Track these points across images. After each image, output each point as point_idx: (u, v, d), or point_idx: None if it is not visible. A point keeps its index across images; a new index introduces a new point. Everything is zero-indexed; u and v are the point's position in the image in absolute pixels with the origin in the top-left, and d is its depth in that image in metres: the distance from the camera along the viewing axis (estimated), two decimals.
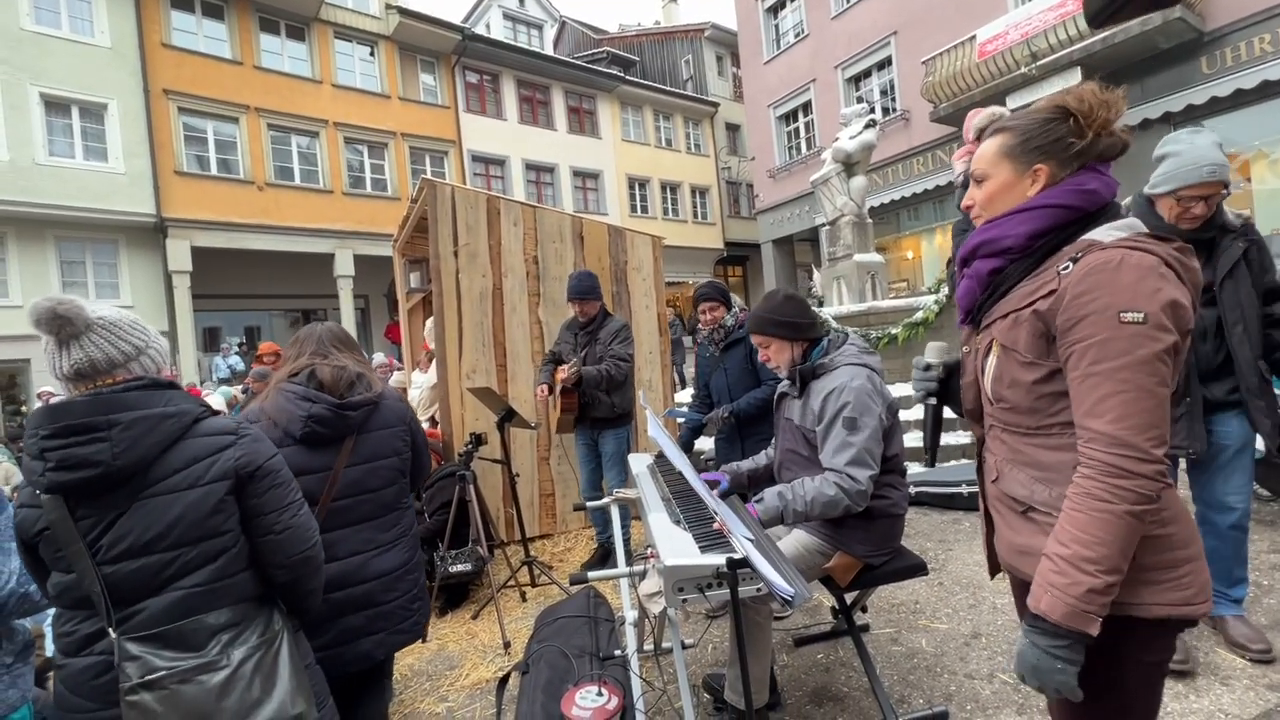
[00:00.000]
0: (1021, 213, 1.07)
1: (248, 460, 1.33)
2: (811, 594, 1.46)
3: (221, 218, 12.64)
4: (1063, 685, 0.93)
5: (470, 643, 3.14)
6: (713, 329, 3.08)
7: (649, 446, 4.61)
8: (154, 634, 1.22)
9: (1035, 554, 1.03)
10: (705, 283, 3.16)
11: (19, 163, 10.71)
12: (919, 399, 1.37)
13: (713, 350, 3.13)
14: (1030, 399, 1.06)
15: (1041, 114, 1.08)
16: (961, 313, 1.21)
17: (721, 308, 3.07)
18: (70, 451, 1.19)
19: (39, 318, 1.23)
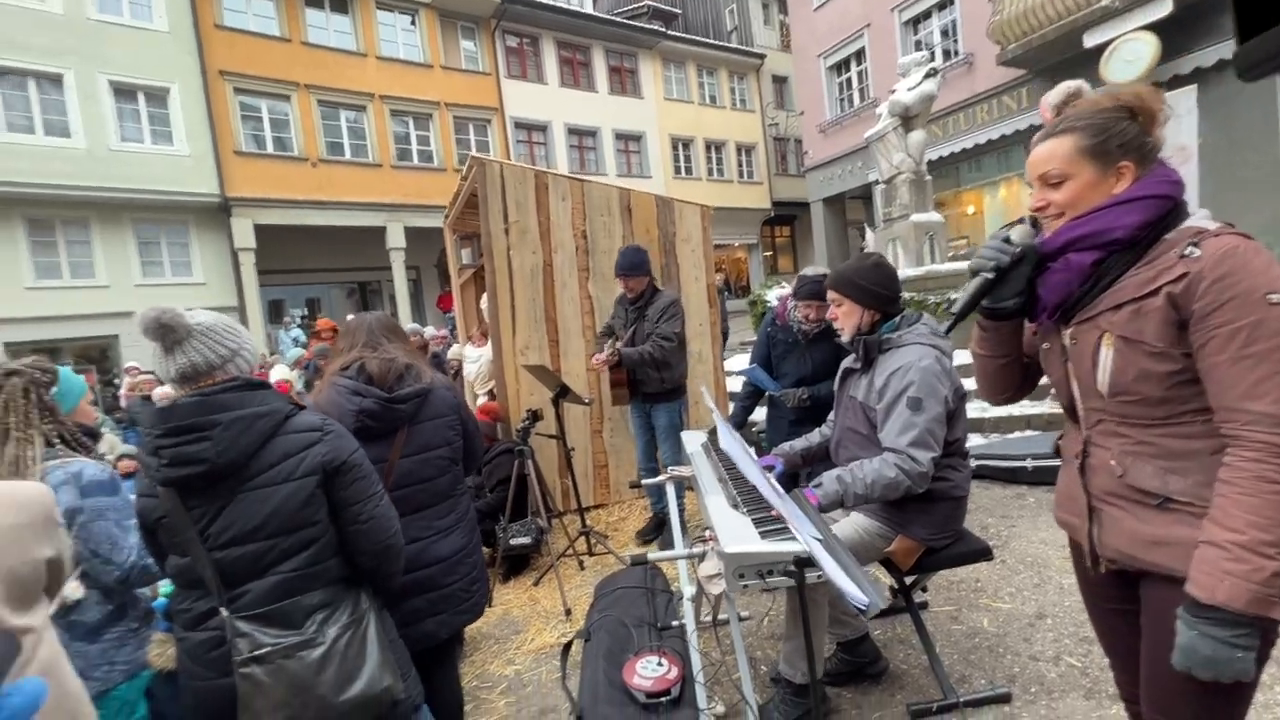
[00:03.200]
0: (1125, 204, 1.07)
1: (334, 455, 1.42)
2: (885, 601, 1.46)
3: (280, 195, 13.09)
4: (1241, 672, 0.95)
5: (533, 608, 3.30)
6: (814, 325, 2.97)
7: (702, 420, 4.64)
8: (259, 613, 1.34)
9: (1173, 544, 1.04)
10: (813, 277, 2.93)
11: (95, 150, 11.32)
12: (978, 266, 1.21)
13: (797, 338, 3.06)
14: (1162, 389, 1.05)
15: (1108, 112, 1.10)
16: (1050, 308, 1.17)
17: (826, 307, 2.97)
18: (180, 450, 1.29)
19: (146, 327, 1.33)
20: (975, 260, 1.21)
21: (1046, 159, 1.14)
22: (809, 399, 2.96)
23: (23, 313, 10.99)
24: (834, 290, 2.05)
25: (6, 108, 10.66)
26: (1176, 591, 1.02)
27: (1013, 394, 1.40)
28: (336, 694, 1.35)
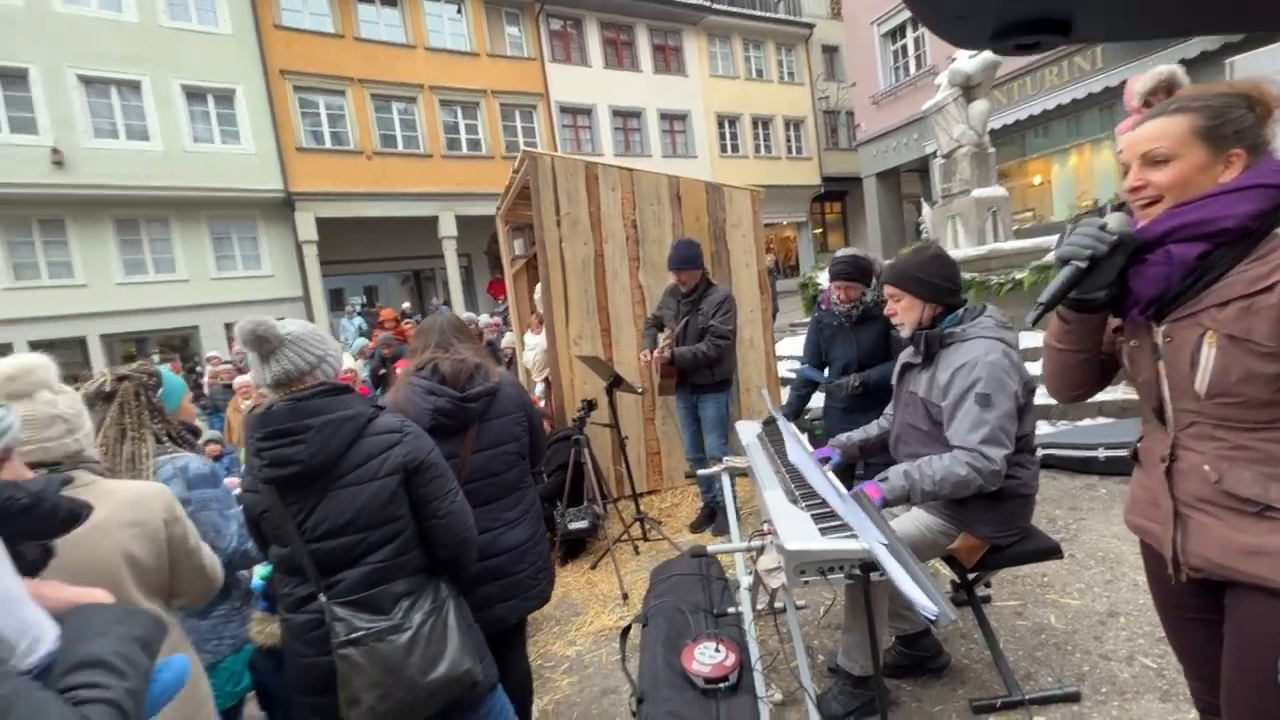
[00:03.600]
0: (1235, 192, 1.02)
1: (413, 456, 1.51)
2: (955, 616, 1.44)
3: (339, 188, 13.61)
4: None
5: (591, 591, 3.41)
6: (850, 306, 2.95)
7: (752, 408, 4.64)
8: (353, 600, 1.46)
9: (1273, 554, 1.01)
10: (842, 257, 2.95)
11: (171, 152, 12.02)
12: (1070, 254, 1.11)
13: (841, 321, 3.03)
14: (1269, 391, 1.01)
15: (1226, 97, 1.04)
16: (1143, 302, 1.11)
17: (859, 286, 2.93)
18: (278, 452, 1.41)
19: (244, 338, 1.44)
20: (1067, 247, 1.12)
21: (1156, 136, 1.08)
22: (860, 385, 2.92)
23: (114, 307, 11.89)
24: (892, 285, 2.01)
25: (94, 115, 11.43)
26: (1273, 603, 0.98)
27: (1085, 392, 1.36)
28: (423, 675, 1.46)
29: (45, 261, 11.47)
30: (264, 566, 2.02)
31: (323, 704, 1.50)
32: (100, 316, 11.77)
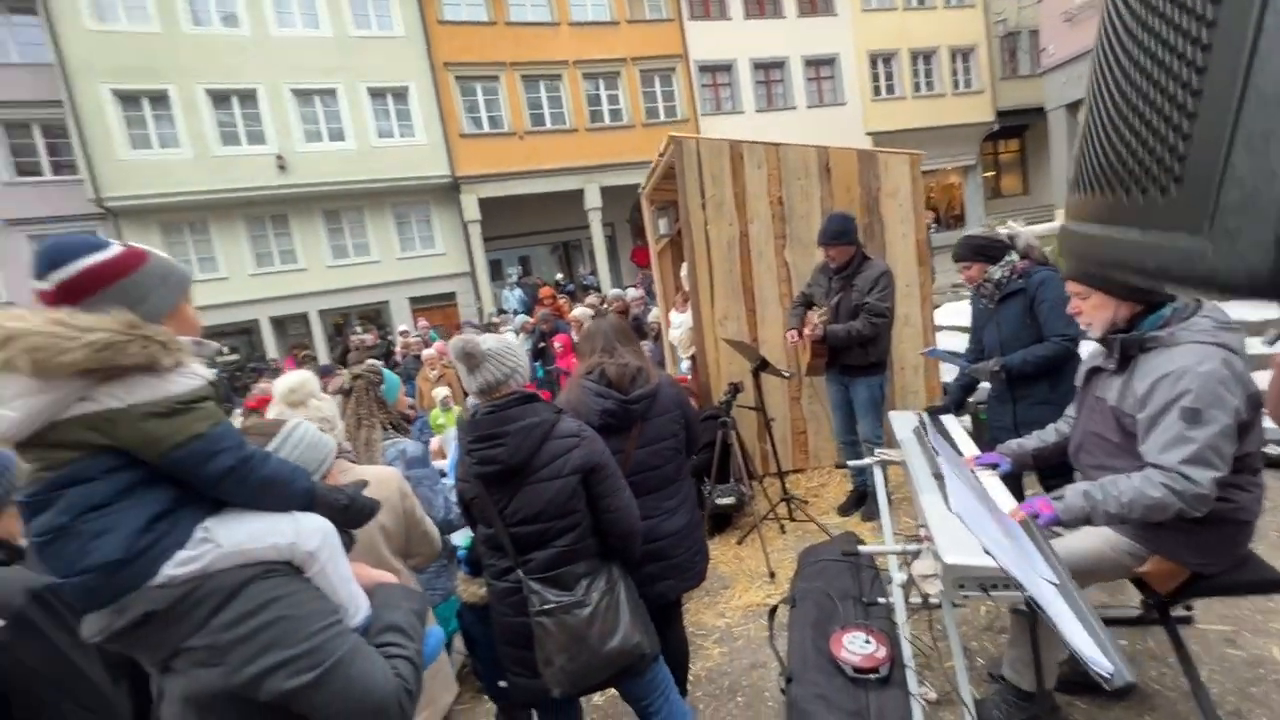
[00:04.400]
0: None
1: (589, 458, 1.73)
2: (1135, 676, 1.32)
3: (496, 169, 14.70)
4: None
5: (739, 566, 3.57)
6: (979, 285, 2.75)
7: (905, 387, 4.41)
8: (544, 577, 1.72)
9: None
10: (960, 240, 2.80)
11: (362, 149, 13.76)
12: None
13: (984, 302, 2.81)
14: None
15: None
16: None
17: (978, 265, 2.72)
18: (484, 453, 1.69)
19: (457, 355, 1.73)
20: None
21: None
22: (1001, 369, 2.68)
23: (327, 286, 14.09)
24: (1077, 281, 1.81)
25: (304, 123, 13.40)
26: None
27: None
28: (601, 644, 1.70)
29: (277, 250, 13.86)
30: (464, 536, 2.42)
31: (522, 656, 1.81)
32: (317, 295, 14.04)
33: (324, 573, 1.10)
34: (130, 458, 0.95)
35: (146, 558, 0.94)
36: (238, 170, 12.84)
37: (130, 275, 0.96)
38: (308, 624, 1.02)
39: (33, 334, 0.86)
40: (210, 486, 0.99)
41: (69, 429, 0.92)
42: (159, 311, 0.98)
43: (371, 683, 1.03)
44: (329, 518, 1.15)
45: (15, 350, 0.85)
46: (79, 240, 0.96)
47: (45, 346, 0.86)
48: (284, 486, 1.07)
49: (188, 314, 1.05)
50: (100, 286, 0.94)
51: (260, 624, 0.97)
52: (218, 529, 1.00)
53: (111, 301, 0.94)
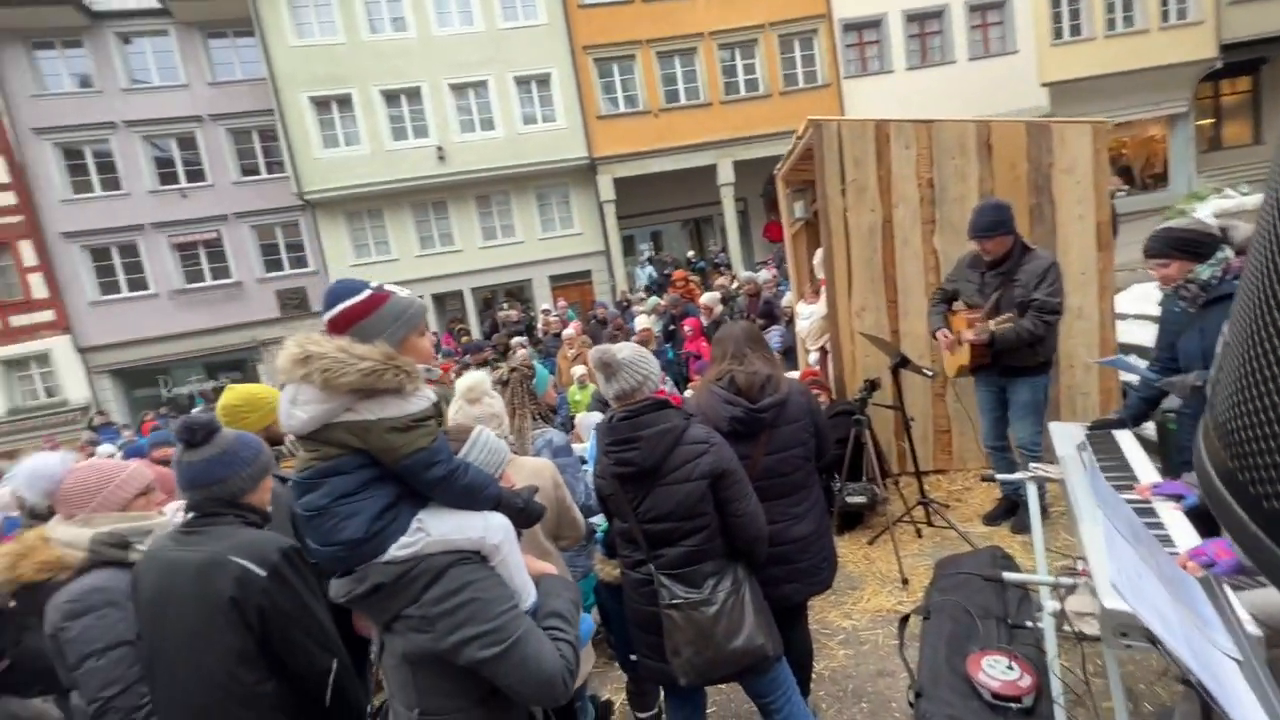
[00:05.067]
0: None
1: (718, 464, 1.81)
2: None
3: (631, 149, 14.97)
4: None
5: (868, 567, 3.49)
6: (1178, 286, 2.35)
7: (1074, 387, 3.96)
8: (673, 573, 1.86)
9: None
10: (1154, 232, 2.37)
11: (509, 136, 14.69)
12: None
13: (1184, 305, 2.42)
14: None
15: None
16: None
17: (1179, 263, 2.29)
18: (621, 455, 1.84)
19: (596, 364, 1.88)
20: None
21: None
22: (1204, 384, 2.27)
23: (478, 266, 15.38)
24: None
25: (460, 115, 14.56)
26: None
27: None
28: (727, 642, 1.80)
29: (437, 234, 15.35)
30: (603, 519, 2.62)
31: (653, 641, 1.96)
32: (470, 274, 15.40)
33: (505, 563, 1.31)
34: (372, 459, 1.20)
35: (379, 539, 1.19)
36: (405, 162, 14.32)
37: (373, 313, 1.21)
38: (495, 606, 1.23)
39: (325, 357, 1.13)
40: (426, 488, 1.23)
41: (336, 431, 1.19)
42: (394, 341, 1.22)
43: (543, 660, 1.23)
44: (508, 517, 1.35)
45: (312, 368, 1.14)
46: (345, 286, 1.24)
47: (332, 368, 1.13)
48: (479, 492, 1.28)
49: (416, 345, 1.28)
50: (355, 322, 1.19)
51: (460, 602, 1.20)
52: (429, 521, 1.24)
53: (363, 334, 1.19)
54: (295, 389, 1.18)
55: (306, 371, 1.14)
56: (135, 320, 14.30)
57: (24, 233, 13.52)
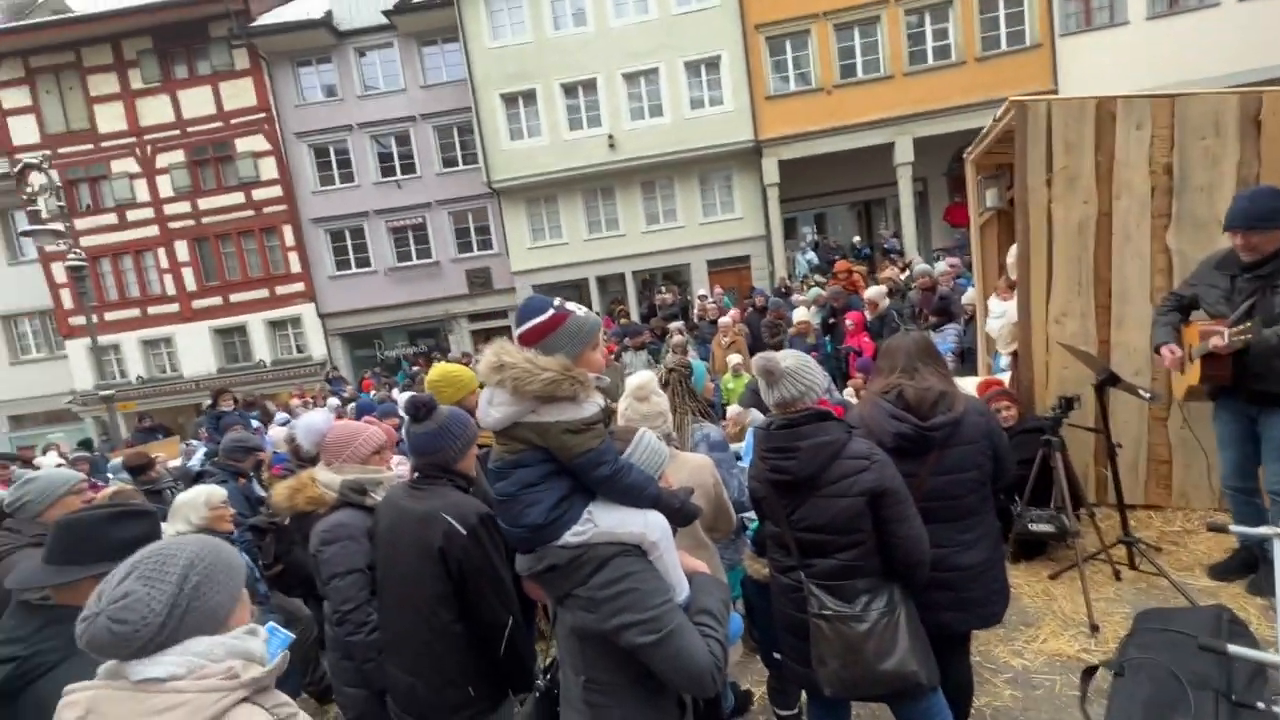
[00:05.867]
0: None
1: (878, 483, 1.77)
2: None
3: (799, 129, 14.40)
4: None
5: (1047, 604, 3.14)
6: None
7: None
8: (825, 584, 1.85)
9: None
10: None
11: (675, 122, 14.91)
12: None
13: None
14: None
15: None
16: None
17: None
18: (776, 463, 1.87)
19: (758, 371, 1.92)
20: None
21: None
22: None
23: (640, 250, 15.93)
24: None
25: (631, 102, 15.06)
26: None
27: None
28: (876, 662, 1.77)
29: (604, 219, 16.14)
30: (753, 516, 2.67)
31: (798, 646, 1.99)
32: (632, 258, 16.02)
33: (661, 559, 1.43)
34: (552, 455, 1.38)
35: (555, 525, 1.38)
36: (580, 151, 15.20)
37: (555, 331, 1.38)
38: (652, 597, 1.36)
39: (515, 367, 1.33)
40: (594, 484, 1.39)
41: (522, 430, 1.38)
42: (572, 355, 1.38)
43: (694, 654, 1.33)
44: (666, 516, 1.47)
45: (505, 375, 1.34)
46: (533, 304, 1.43)
47: (520, 377, 1.32)
48: (640, 491, 1.42)
49: (590, 358, 1.43)
50: (540, 338, 1.38)
51: (620, 590, 1.34)
52: (597, 513, 1.40)
53: (547, 348, 1.37)
54: (491, 392, 1.39)
55: (500, 378, 1.34)
56: (359, 292, 17.01)
57: (286, 219, 16.68)
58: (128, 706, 0.96)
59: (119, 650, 0.98)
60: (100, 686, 0.99)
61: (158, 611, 0.98)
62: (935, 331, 6.06)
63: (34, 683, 1.41)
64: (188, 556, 1.04)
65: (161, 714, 0.95)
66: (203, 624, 1.03)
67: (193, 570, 1.03)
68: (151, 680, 0.97)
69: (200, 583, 1.03)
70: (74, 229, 11.81)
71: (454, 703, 2.01)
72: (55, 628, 1.46)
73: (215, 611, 1.05)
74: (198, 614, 1.02)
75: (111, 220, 16.61)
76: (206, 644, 1.02)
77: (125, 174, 16.49)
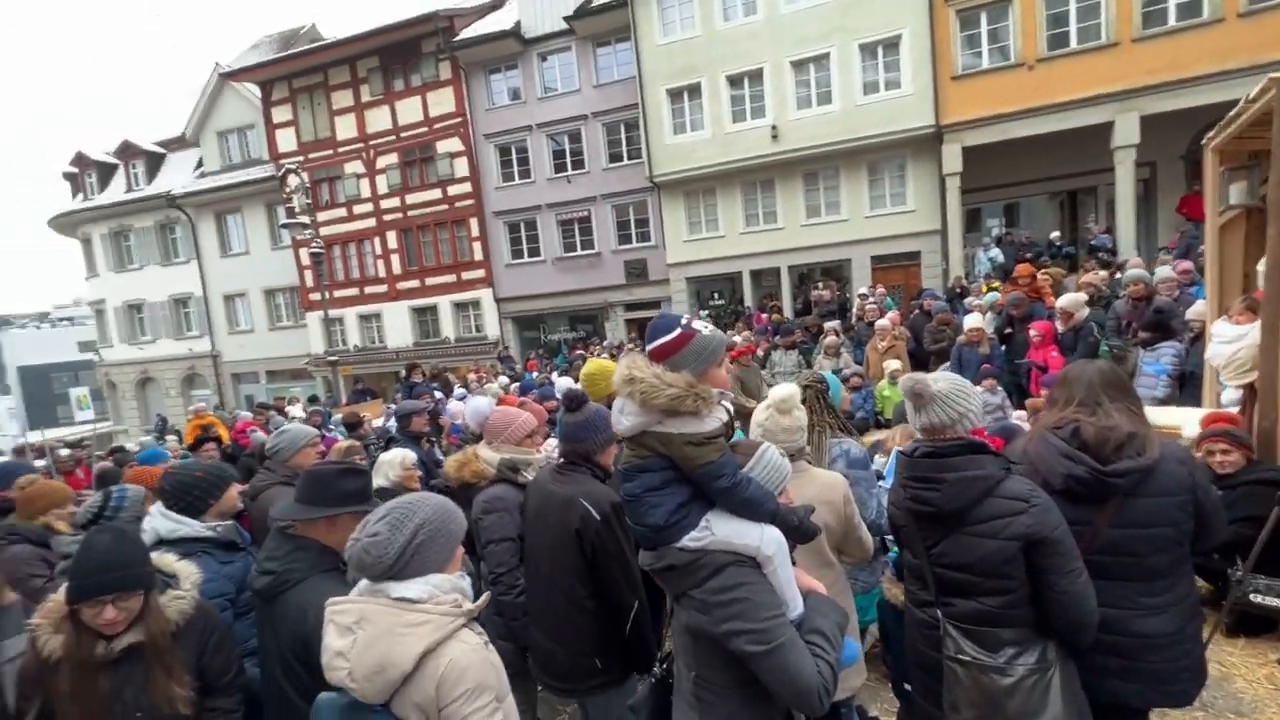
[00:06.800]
0: None
1: (1037, 529, 1.61)
2: None
3: (990, 112, 12.86)
4: None
5: (1268, 691, 2.61)
6: None
7: None
8: (964, 628, 1.73)
9: None
10: None
11: (846, 109, 14.10)
12: None
13: None
14: None
15: None
16: None
17: None
18: (918, 493, 1.78)
19: (905, 392, 1.83)
20: None
21: None
22: None
23: (797, 244, 15.40)
24: None
25: (798, 90, 14.54)
26: None
27: None
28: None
29: (762, 211, 15.83)
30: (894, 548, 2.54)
31: (930, 685, 1.88)
32: (788, 252, 15.54)
33: (775, 573, 1.46)
34: (674, 463, 1.47)
35: (674, 529, 1.47)
36: (742, 143, 15.03)
37: (682, 350, 1.46)
38: (763, 610, 1.39)
39: (643, 381, 1.44)
40: (712, 495, 1.46)
41: (648, 438, 1.49)
42: (697, 372, 1.46)
43: (802, 671, 1.35)
44: (783, 532, 1.49)
45: (634, 389, 1.45)
46: (663, 323, 1.51)
47: (647, 391, 1.42)
48: (758, 506, 1.45)
49: (714, 375, 1.49)
50: (668, 355, 1.46)
51: (733, 598, 1.40)
52: (714, 522, 1.46)
53: (674, 365, 1.45)
54: (622, 401, 1.50)
55: (630, 390, 1.45)
56: (529, 280, 18.53)
57: (473, 212, 18.66)
58: (389, 617, 1.35)
59: (365, 571, 1.41)
60: (365, 601, 1.39)
61: (391, 554, 1.38)
62: (1147, 350, 5.14)
63: (285, 592, 1.83)
64: (423, 516, 1.43)
65: (414, 626, 1.34)
66: (425, 566, 1.41)
67: (423, 528, 1.41)
68: (404, 600, 1.36)
69: (426, 540, 1.41)
70: (316, 222, 14.37)
71: (585, 671, 2.22)
72: (300, 553, 1.88)
73: (435, 559, 1.43)
74: (421, 560, 1.41)
75: (342, 214, 19.84)
76: (438, 579, 1.42)
77: (354, 174, 19.56)
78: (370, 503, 1.94)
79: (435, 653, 1.34)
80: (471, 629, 1.46)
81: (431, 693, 1.32)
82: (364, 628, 1.34)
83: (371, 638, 1.33)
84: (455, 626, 1.39)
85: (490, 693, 1.40)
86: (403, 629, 1.33)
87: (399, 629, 1.33)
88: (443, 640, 1.36)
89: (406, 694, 1.33)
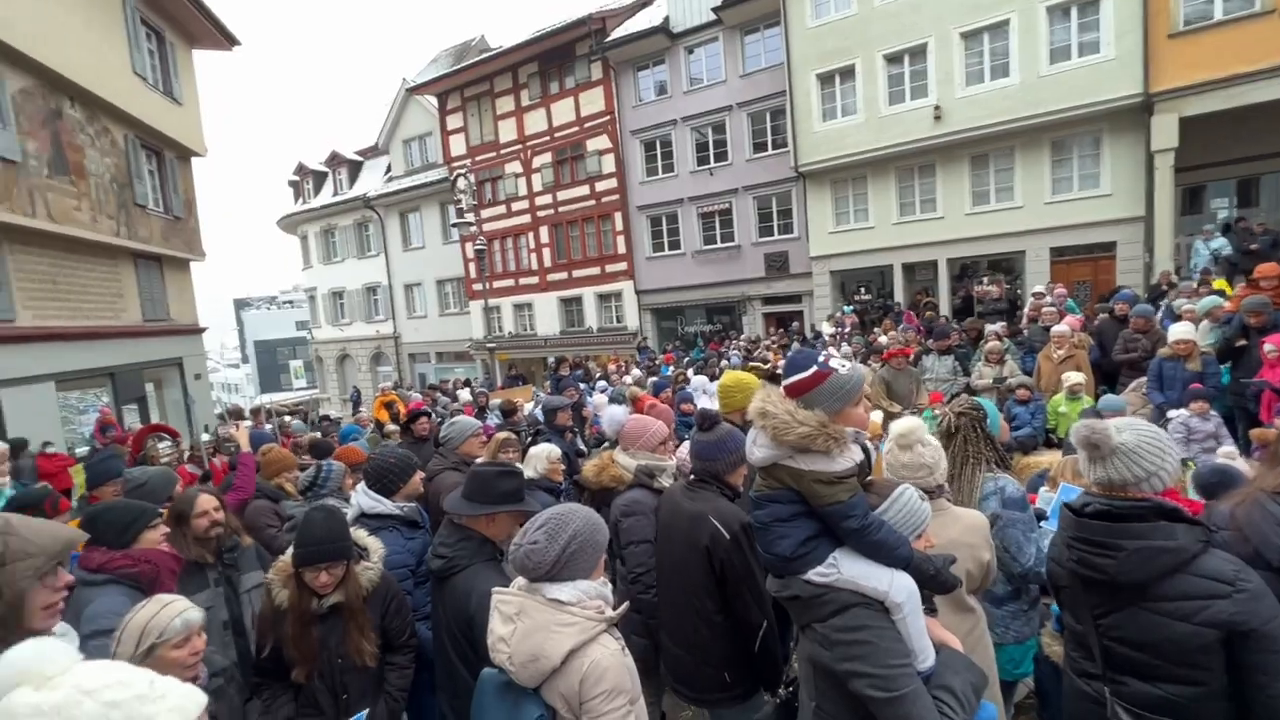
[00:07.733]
0: None
1: (1242, 619, 1.38)
2: None
3: (1220, 74, 10.67)
4: None
5: None
6: None
7: None
8: (1138, 713, 1.53)
9: None
10: None
11: (1026, 81, 12.46)
12: None
13: None
14: None
15: None
16: None
17: None
18: (1086, 556, 1.59)
19: (1080, 442, 1.63)
20: None
21: None
22: None
23: (960, 234, 13.99)
24: None
25: (969, 64, 13.14)
26: None
27: None
28: None
29: (918, 200, 14.59)
30: None
31: None
32: (949, 243, 14.17)
33: (905, 621, 1.41)
34: (802, 497, 1.48)
35: (800, 561, 1.48)
36: (898, 127, 13.93)
37: (815, 389, 1.46)
38: (888, 656, 1.36)
39: (775, 416, 1.46)
40: (841, 535, 1.45)
41: (778, 470, 1.51)
42: (831, 412, 1.44)
43: None
44: (917, 581, 1.44)
45: (766, 422, 1.49)
46: (799, 359, 1.53)
47: (779, 427, 1.45)
48: (889, 550, 1.42)
49: (850, 414, 1.48)
50: (802, 393, 1.47)
51: (856, 639, 1.38)
52: (842, 560, 1.45)
53: (808, 403, 1.46)
54: (756, 433, 1.53)
55: (763, 424, 1.48)
56: (669, 272, 18.84)
57: (618, 207, 19.33)
58: (544, 614, 1.51)
59: (525, 573, 1.59)
60: (525, 596, 1.59)
61: (548, 560, 1.55)
62: None
63: (453, 575, 2.11)
64: (574, 528, 1.59)
65: (565, 625, 1.51)
66: (575, 572, 1.58)
67: (574, 540, 1.57)
68: (557, 601, 1.54)
69: (576, 550, 1.57)
70: (480, 219, 15.80)
71: (713, 683, 2.29)
72: (465, 542, 2.16)
73: (583, 566, 1.59)
74: (572, 567, 1.57)
75: (502, 211, 21.58)
76: (585, 585, 1.58)
77: (513, 174, 21.16)
78: (524, 502, 2.17)
79: (580, 652, 1.49)
80: (611, 634, 1.59)
81: (575, 687, 1.47)
82: (523, 620, 1.52)
83: (528, 629, 1.50)
84: (598, 630, 1.53)
85: (625, 695, 1.52)
86: (556, 627, 1.49)
87: (552, 626, 1.49)
88: (587, 642, 1.50)
89: (554, 684, 1.49)
